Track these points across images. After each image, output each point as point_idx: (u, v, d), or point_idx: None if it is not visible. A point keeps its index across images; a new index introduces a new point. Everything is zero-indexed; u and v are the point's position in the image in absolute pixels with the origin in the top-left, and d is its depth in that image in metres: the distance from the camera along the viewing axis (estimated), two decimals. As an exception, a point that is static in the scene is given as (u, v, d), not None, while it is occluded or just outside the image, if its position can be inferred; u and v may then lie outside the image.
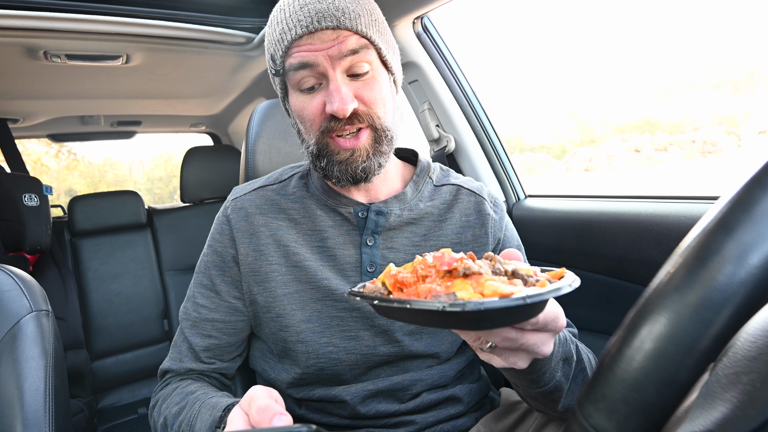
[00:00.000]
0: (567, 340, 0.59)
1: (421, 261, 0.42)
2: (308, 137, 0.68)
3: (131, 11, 1.28)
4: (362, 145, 0.65)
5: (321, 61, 0.62)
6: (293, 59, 0.63)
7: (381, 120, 0.66)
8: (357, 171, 0.66)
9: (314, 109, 0.65)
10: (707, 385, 0.25)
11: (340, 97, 0.62)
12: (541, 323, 0.43)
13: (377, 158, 0.67)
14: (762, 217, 0.25)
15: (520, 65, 44.44)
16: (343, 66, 0.63)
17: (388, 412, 0.72)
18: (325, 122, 0.65)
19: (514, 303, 0.34)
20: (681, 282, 0.26)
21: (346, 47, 0.62)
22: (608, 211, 1.06)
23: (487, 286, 0.37)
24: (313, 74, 0.64)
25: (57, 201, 2.62)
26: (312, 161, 0.69)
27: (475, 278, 0.38)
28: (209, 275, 0.76)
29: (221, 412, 0.58)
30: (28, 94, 1.88)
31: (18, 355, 0.65)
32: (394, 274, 0.43)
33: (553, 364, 0.55)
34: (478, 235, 0.75)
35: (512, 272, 0.41)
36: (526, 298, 0.34)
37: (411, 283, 0.41)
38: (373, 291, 0.43)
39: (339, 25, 0.61)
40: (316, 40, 0.62)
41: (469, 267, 0.39)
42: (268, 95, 2.03)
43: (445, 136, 1.39)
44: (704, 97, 17.88)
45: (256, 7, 1.45)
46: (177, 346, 0.77)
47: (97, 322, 2.12)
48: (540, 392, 0.58)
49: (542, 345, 0.45)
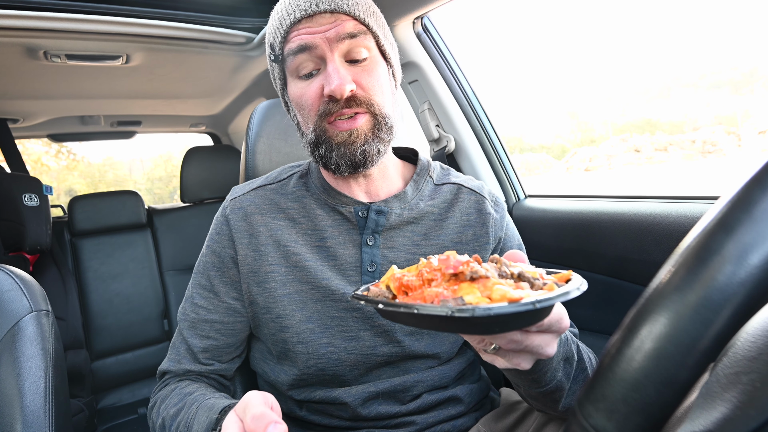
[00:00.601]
0: (568, 339, 0.59)
1: (427, 264, 0.42)
2: (306, 126, 0.68)
3: (131, 11, 1.28)
4: (360, 127, 0.65)
5: (319, 44, 0.63)
6: (292, 44, 0.64)
7: (380, 106, 0.66)
8: (356, 154, 0.65)
9: (312, 93, 0.65)
10: (707, 385, 0.25)
11: (338, 77, 0.62)
12: (546, 325, 0.43)
13: (376, 143, 0.66)
14: (762, 217, 0.25)
15: (520, 65, 44.43)
16: (341, 50, 0.64)
17: (389, 413, 0.71)
18: (323, 105, 0.65)
19: (524, 308, 0.33)
20: (681, 282, 0.26)
21: (344, 30, 0.63)
22: (608, 211, 1.06)
23: (495, 290, 0.36)
24: (311, 58, 0.64)
25: (57, 201, 2.62)
26: (311, 151, 0.69)
27: (483, 282, 0.38)
28: (208, 276, 0.76)
29: (218, 414, 0.58)
30: (28, 94, 1.88)
31: (18, 355, 0.65)
32: (399, 278, 0.42)
33: (554, 364, 0.55)
34: (479, 234, 0.75)
35: (518, 275, 0.40)
36: (535, 303, 0.33)
37: (416, 287, 0.40)
38: (378, 294, 0.43)
39: (337, 8, 0.62)
40: (314, 23, 0.63)
41: (476, 271, 0.38)
42: (268, 95, 2.03)
43: (445, 136, 1.39)
44: (704, 97, 17.88)
45: (256, 7, 1.45)
46: (175, 347, 0.77)
47: (97, 322, 2.11)
48: (541, 392, 0.58)
49: (546, 346, 0.45)
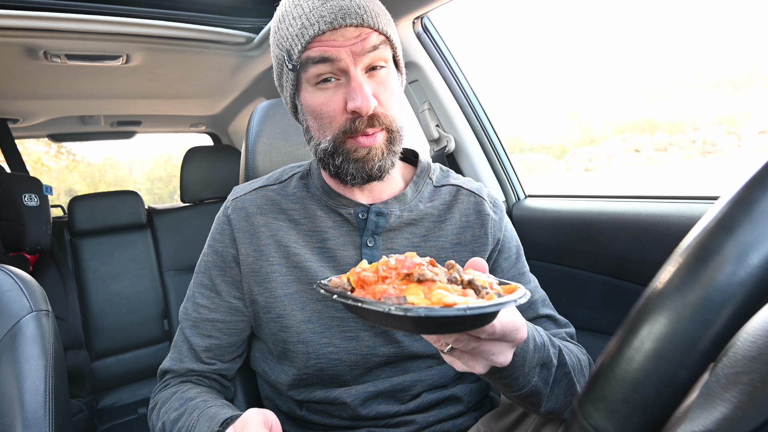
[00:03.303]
0: (546, 345, 0.59)
1: (385, 262, 0.44)
2: (321, 134, 0.68)
3: (131, 11, 1.28)
4: (378, 144, 0.66)
5: (344, 57, 0.62)
6: (313, 53, 0.63)
7: (396, 122, 0.67)
8: (373, 170, 0.67)
9: (336, 106, 0.65)
10: (707, 385, 0.25)
11: (363, 95, 0.62)
12: (498, 333, 0.44)
13: (391, 157, 0.68)
14: (762, 217, 0.25)
15: (520, 65, 44.44)
16: (364, 63, 0.64)
17: (389, 413, 0.72)
18: (347, 123, 0.65)
19: (454, 313, 0.35)
20: (681, 282, 0.26)
21: (368, 44, 0.63)
22: (608, 211, 1.06)
23: (434, 294, 0.38)
24: (332, 69, 0.64)
25: (57, 201, 2.62)
26: (323, 158, 0.68)
27: (428, 285, 0.40)
28: (209, 275, 0.76)
29: (219, 427, 0.58)
30: (28, 94, 1.88)
31: (18, 355, 0.65)
32: (358, 272, 0.44)
33: (527, 369, 0.55)
34: (478, 235, 0.75)
35: (468, 282, 0.42)
36: (466, 310, 0.35)
37: (371, 282, 0.42)
38: (337, 285, 0.44)
39: (362, 23, 0.62)
40: (338, 37, 0.62)
41: (423, 273, 0.40)
42: (268, 95, 2.03)
43: (445, 136, 1.39)
44: (704, 97, 17.88)
45: (256, 7, 1.45)
46: (177, 346, 0.77)
47: (97, 322, 2.11)
48: (516, 396, 0.58)
49: (499, 354, 0.46)
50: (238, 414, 0.60)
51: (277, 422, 0.55)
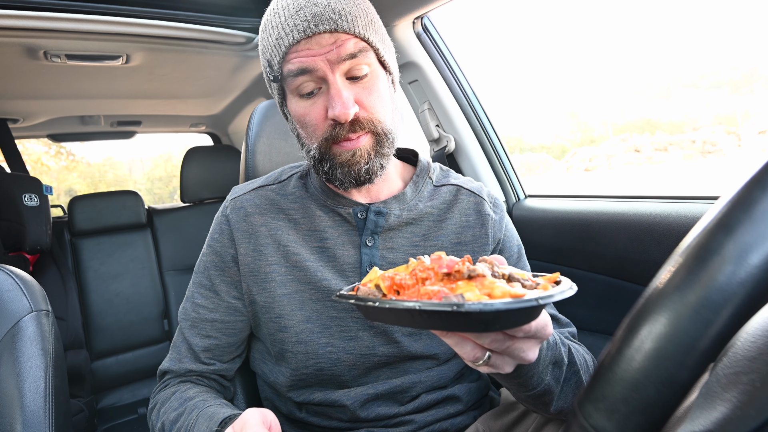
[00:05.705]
0: (558, 343, 0.59)
1: (419, 263, 0.42)
2: (309, 141, 0.68)
3: (131, 11, 1.28)
4: (363, 146, 0.65)
5: (320, 66, 0.61)
6: (291, 65, 0.62)
7: (382, 124, 0.66)
8: (360, 173, 0.66)
9: (317, 115, 0.64)
10: (707, 385, 0.25)
11: (341, 102, 0.61)
12: (532, 330, 0.44)
13: (379, 159, 0.67)
14: (762, 217, 0.25)
15: (520, 65, 44.43)
16: (342, 69, 0.62)
17: (388, 414, 0.72)
18: (329, 130, 0.64)
19: (529, 304, 0.34)
20: (681, 282, 0.26)
21: (345, 51, 0.61)
22: (608, 211, 1.06)
23: (496, 287, 0.37)
24: (312, 79, 0.63)
25: (57, 201, 2.62)
26: (314, 165, 0.69)
27: (480, 281, 0.38)
28: (208, 275, 0.76)
29: (217, 427, 0.58)
30: (28, 94, 1.88)
31: (18, 355, 0.65)
32: (391, 276, 0.42)
33: (540, 368, 0.55)
34: (478, 235, 0.75)
35: (509, 276, 0.41)
36: (539, 299, 0.35)
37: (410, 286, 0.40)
38: (368, 294, 0.42)
39: (336, 28, 0.60)
40: (314, 45, 0.61)
41: (473, 269, 0.39)
42: (268, 95, 2.03)
43: (445, 136, 1.39)
44: (704, 97, 17.88)
45: (256, 7, 1.45)
46: (176, 346, 0.77)
47: (97, 322, 2.11)
48: (529, 395, 0.57)
49: (528, 351, 0.45)
50: (237, 413, 0.60)
51: (276, 422, 0.55)
